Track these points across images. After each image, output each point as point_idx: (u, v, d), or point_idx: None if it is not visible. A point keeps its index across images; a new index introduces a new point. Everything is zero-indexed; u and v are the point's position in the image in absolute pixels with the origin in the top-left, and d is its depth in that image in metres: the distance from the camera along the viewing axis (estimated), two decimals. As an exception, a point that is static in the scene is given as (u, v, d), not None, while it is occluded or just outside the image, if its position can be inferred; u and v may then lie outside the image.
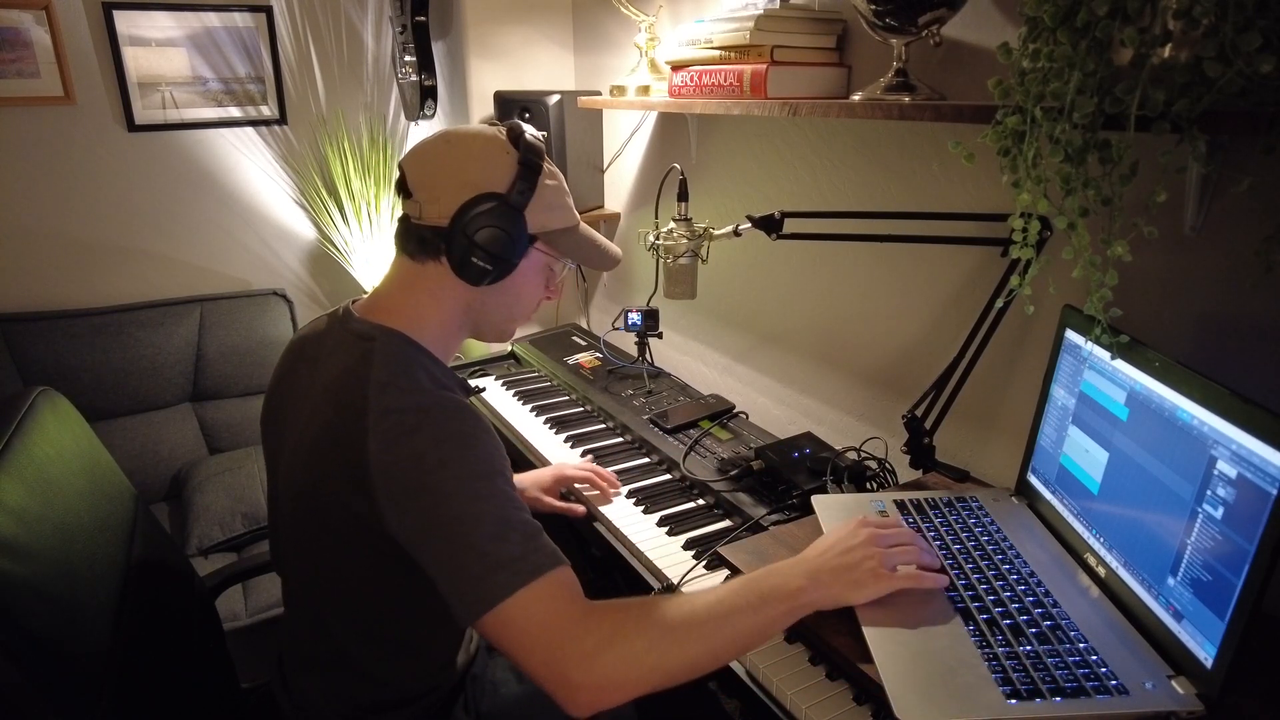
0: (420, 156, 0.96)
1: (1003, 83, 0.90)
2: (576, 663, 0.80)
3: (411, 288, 0.97)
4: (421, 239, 0.95)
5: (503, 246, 0.92)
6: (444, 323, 0.98)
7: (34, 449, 0.97)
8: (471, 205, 0.91)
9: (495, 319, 1.03)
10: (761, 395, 1.86)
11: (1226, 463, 0.78)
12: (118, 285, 2.45)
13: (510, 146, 0.95)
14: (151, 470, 2.28)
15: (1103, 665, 0.83)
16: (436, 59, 2.38)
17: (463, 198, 0.91)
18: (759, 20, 1.34)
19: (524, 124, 0.98)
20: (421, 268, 0.96)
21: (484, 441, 0.89)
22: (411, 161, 0.96)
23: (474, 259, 0.92)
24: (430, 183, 0.93)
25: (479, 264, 0.92)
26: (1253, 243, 0.89)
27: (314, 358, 0.98)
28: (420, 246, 0.96)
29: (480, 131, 0.96)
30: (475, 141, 0.95)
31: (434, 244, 0.94)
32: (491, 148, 0.94)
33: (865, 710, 0.91)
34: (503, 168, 0.93)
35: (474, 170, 0.93)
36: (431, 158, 0.95)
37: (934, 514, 1.12)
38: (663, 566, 1.22)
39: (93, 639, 0.92)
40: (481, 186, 0.92)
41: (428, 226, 0.94)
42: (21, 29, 2.17)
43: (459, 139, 0.95)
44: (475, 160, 0.93)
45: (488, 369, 2.10)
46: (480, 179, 0.92)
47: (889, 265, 1.48)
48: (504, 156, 0.94)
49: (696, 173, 1.87)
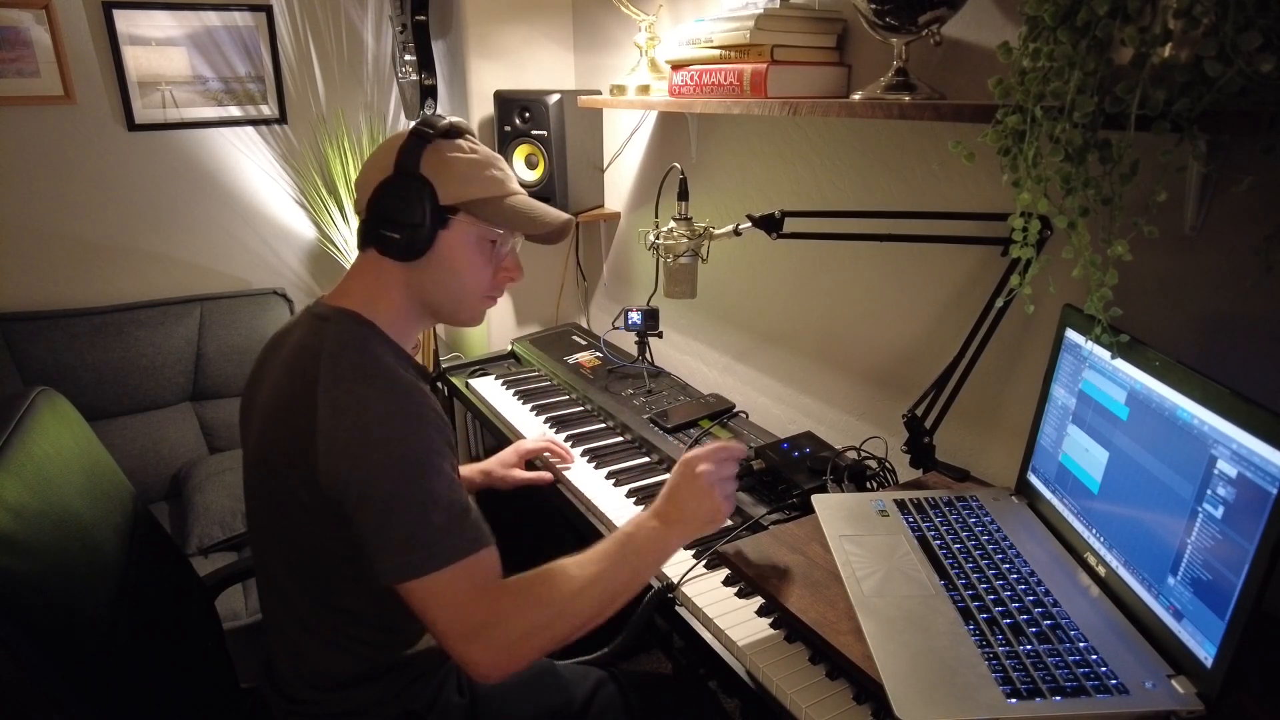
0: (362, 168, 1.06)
1: (1003, 82, 0.90)
2: (485, 638, 0.90)
3: (361, 275, 1.05)
4: (360, 232, 1.04)
5: (401, 212, 0.98)
6: (393, 305, 1.04)
7: (33, 447, 0.97)
8: (377, 187, 0.99)
9: (440, 297, 1.06)
10: (762, 394, 1.86)
11: (1227, 462, 0.78)
12: (118, 285, 2.45)
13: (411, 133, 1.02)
14: (151, 470, 2.28)
15: (1103, 665, 0.83)
16: (436, 58, 2.38)
17: (376, 181, 1.00)
18: (759, 20, 1.34)
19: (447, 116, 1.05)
20: (365, 256, 1.04)
21: (430, 421, 0.95)
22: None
23: (382, 231, 0.99)
24: (360, 181, 1.04)
25: (388, 234, 0.99)
26: (1253, 242, 0.89)
27: (281, 345, 1.05)
28: (362, 239, 1.04)
29: (400, 131, 1.06)
30: (393, 137, 1.03)
31: (365, 233, 1.03)
32: (396, 138, 1.02)
33: (865, 710, 0.91)
34: (401, 149, 1.00)
35: (382, 159, 1.01)
36: (365, 165, 1.05)
37: (934, 513, 1.12)
38: (663, 566, 1.22)
39: (91, 636, 0.93)
40: (386, 170, 1.00)
41: (360, 220, 1.03)
42: (21, 28, 2.17)
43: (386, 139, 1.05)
44: (387, 151, 1.01)
45: (488, 368, 2.10)
46: (386, 164, 1.00)
47: (889, 265, 1.48)
48: (404, 140, 1.01)
49: (696, 172, 1.87)
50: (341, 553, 0.97)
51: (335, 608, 1.03)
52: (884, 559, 1.02)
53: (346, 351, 0.96)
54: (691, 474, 1.05)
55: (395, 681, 1.08)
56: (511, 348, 2.22)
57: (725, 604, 1.12)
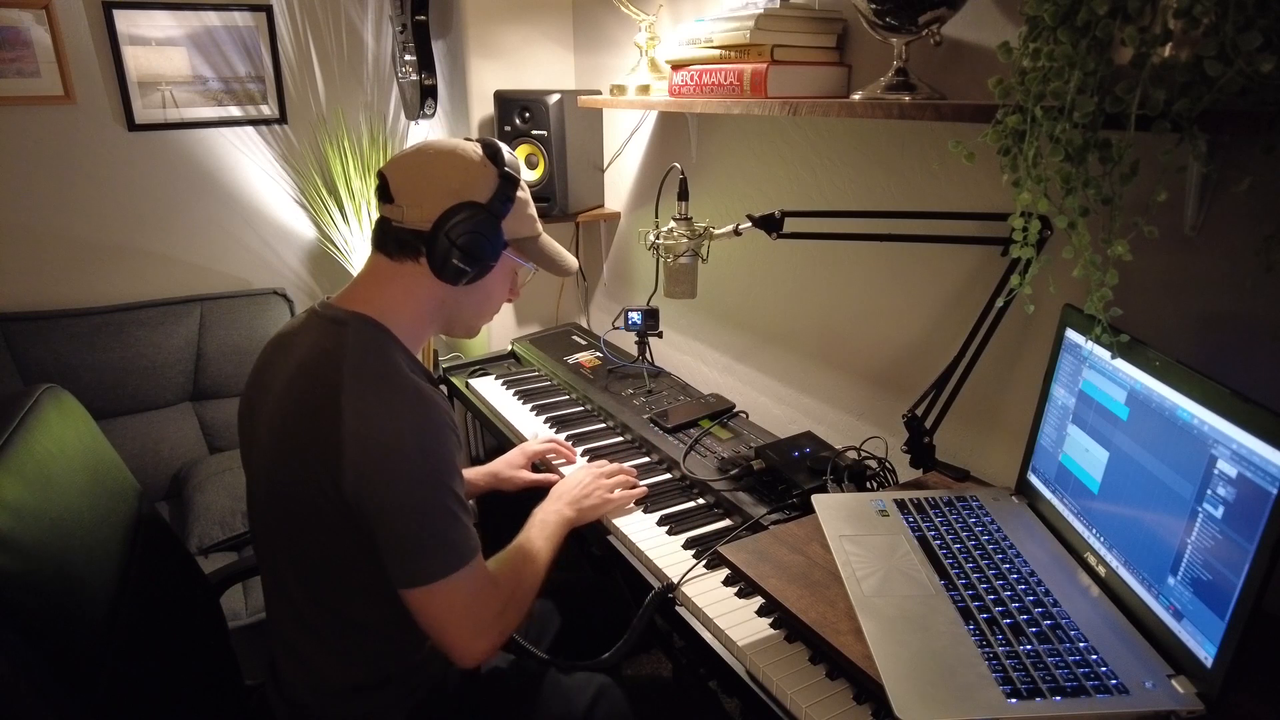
0: (403, 165, 1.03)
1: (1003, 82, 0.90)
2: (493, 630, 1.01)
3: (387, 283, 1.05)
4: (401, 240, 1.02)
5: (482, 250, 1.02)
6: (415, 316, 1.06)
7: (35, 445, 0.97)
8: (455, 212, 0.99)
9: (466, 316, 1.12)
10: (762, 394, 1.86)
11: (1227, 462, 0.78)
12: (118, 285, 2.45)
13: (488, 161, 1.04)
14: (152, 469, 2.27)
15: (1103, 664, 0.83)
16: (436, 58, 2.38)
17: (446, 204, 0.99)
18: (759, 19, 1.34)
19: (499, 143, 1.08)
20: (399, 266, 1.04)
21: (451, 434, 0.99)
22: (394, 169, 1.03)
23: (454, 260, 1.00)
24: (413, 189, 1.01)
25: (458, 265, 1.01)
26: (1253, 243, 0.89)
27: (289, 346, 1.04)
28: (399, 247, 1.03)
29: (460, 145, 1.05)
30: (457, 154, 1.03)
31: (414, 245, 1.02)
32: (472, 160, 1.03)
33: (865, 710, 0.91)
34: (484, 179, 1.02)
35: (457, 180, 1.01)
36: (415, 166, 1.02)
37: (934, 513, 1.12)
38: (663, 566, 1.22)
39: (89, 635, 0.93)
40: (464, 195, 1.00)
41: (408, 229, 1.01)
42: (21, 28, 2.17)
43: (441, 150, 1.03)
44: (458, 171, 1.01)
45: (488, 368, 2.10)
46: (463, 188, 1.01)
47: (889, 264, 1.48)
48: (485, 169, 1.03)
49: (696, 172, 1.87)
50: (354, 561, 0.97)
51: (343, 616, 1.03)
52: (884, 559, 1.02)
53: (369, 359, 0.97)
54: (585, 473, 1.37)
55: (398, 690, 1.08)
56: (511, 348, 2.22)
57: (725, 604, 1.12)
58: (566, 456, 1.57)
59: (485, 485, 1.50)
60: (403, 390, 0.96)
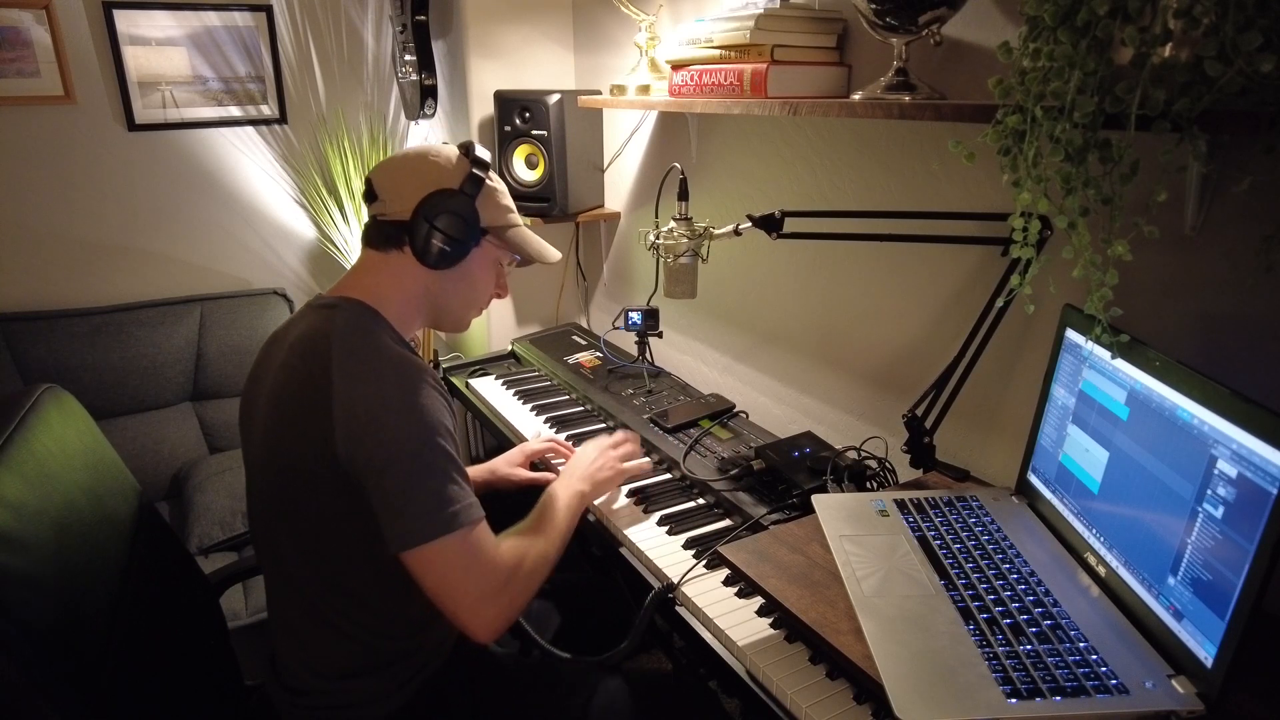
0: (386, 167, 1.12)
1: (1003, 82, 0.90)
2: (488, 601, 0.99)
3: (375, 272, 1.11)
4: (385, 232, 1.10)
5: (457, 230, 1.08)
6: (404, 302, 1.11)
7: (35, 444, 0.97)
8: (431, 198, 1.07)
9: (454, 306, 1.17)
10: (762, 394, 1.86)
11: (1227, 462, 0.78)
12: (118, 285, 2.45)
13: (461, 156, 1.13)
14: (152, 469, 2.27)
15: (1103, 664, 0.83)
16: (436, 58, 2.38)
17: (423, 192, 1.07)
18: (759, 19, 1.34)
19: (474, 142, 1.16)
20: (386, 256, 1.11)
21: (439, 397, 1.02)
22: (378, 172, 1.12)
23: (434, 242, 1.07)
24: (394, 184, 1.10)
25: (438, 245, 1.07)
26: (1253, 243, 0.89)
27: (283, 338, 1.09)
28: (384, 239, 1.10)
29: (437, 146, 1.14)
30: (432, 151, 1.12)
31: (397, 235, 1.09)
32: (447, 156, 1.12)
33: (865, 710, 0.91)
34: (458, 170, 1.11)
35: (433, 174, 1.09)
36: (396, 166, 1.12)
37: (934, 513, 1.12)
38: (663, 566, 1.22)
39: (90, 633, 0.93)
40: (439, 183, 1.08)
41: (391, 221, 1.09)
42: (21, 28, 2.17)
43: (420, 151, 1.13)
44: (434, 167, 1.10)
45: (488, 368, 2.10)
46: (439, 179, 1.09)
47: (889, 264, 1.48)
48: (459, 163, 1.12)
49: (697, 172, 1.87)
50: (352, 528, 0.99)
51: (342, 590, 1.05)
52: (884, 559, 1.02)
53: (357, 330, 1.03)
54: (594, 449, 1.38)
55: (398, 673, 1.09)
56: (511, 348, 2.22)
57: (725, 604, 1.12)
58: (566, 456, 1.57)
59: (484, 482, 1.51)
60: (389, 358, 1.01)
